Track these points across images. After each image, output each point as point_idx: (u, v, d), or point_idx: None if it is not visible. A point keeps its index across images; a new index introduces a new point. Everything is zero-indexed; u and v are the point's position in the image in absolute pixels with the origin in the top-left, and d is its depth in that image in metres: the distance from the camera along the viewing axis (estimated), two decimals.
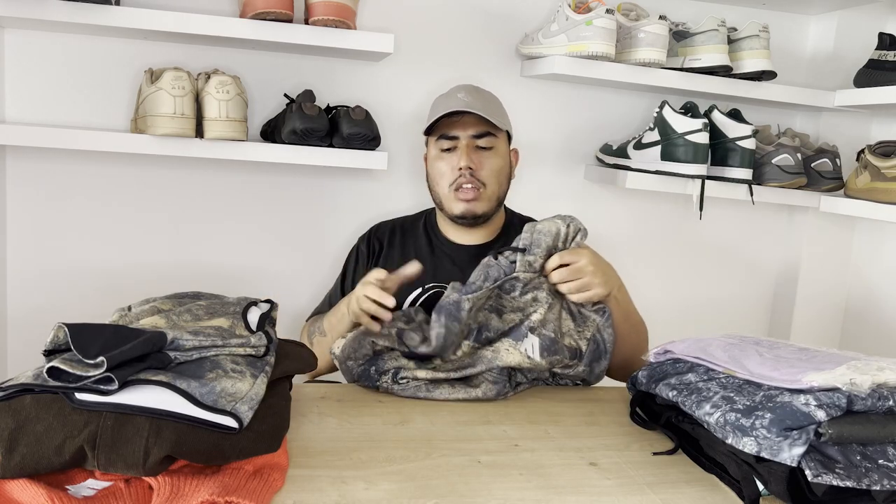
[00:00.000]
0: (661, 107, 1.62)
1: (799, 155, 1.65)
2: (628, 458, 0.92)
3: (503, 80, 1.70)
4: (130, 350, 0.74)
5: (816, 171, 1.67)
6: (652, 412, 1.02)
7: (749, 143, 1.60)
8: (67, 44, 1.50)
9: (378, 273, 1.16)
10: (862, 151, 1.61)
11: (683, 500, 0.82)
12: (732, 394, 0.87)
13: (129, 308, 0.93)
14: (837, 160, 1.68)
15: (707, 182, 1.60)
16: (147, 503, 0.71)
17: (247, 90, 1.47)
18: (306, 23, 1.41)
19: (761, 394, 0.85)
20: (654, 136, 1.62)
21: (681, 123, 1.57)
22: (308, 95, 1.48)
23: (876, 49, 1.61)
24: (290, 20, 1.40)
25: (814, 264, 1.89)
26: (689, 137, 1.56)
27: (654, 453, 0.93)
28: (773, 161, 1.65)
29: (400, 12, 1.64)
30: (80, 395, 0.72)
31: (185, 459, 0.73)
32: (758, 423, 0.80)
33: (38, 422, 0.70)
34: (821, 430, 0.77)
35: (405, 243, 1.46)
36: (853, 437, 0.78)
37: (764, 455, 0.78)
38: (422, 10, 1.66)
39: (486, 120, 1.34)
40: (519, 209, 1.52)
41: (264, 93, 1.59)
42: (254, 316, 0.93)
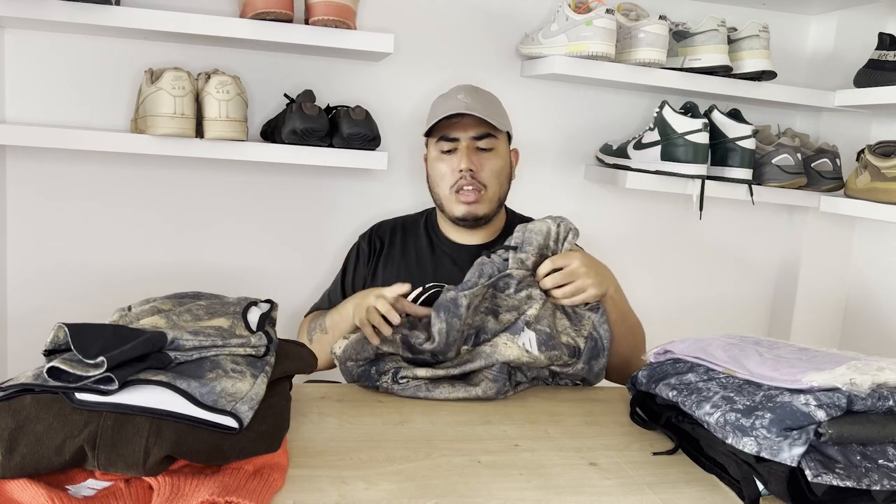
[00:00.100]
0: (661, 107, 1.62)
1: (799, 155, 1.65)
2: (628, 458, 0.92)
3: (503, 80, 1.70)
4: (130, 350, 0.74)
5: (816, 171, 1.67)
6: (652, 412, 1.02)
7: (749, 143, 1.60)
8: (67, 44, 1.50)
9: (397, 290, 1.15)
10: (862, 151, 1.61)
11: (683, 500, 0.82)
12: (732, 394, 0.87)
13: (129, 308, 0.93)
14: (837, 160, 1.67)
15: (707, 182, 1.60)
16: (147, 503, 0.71)
17: (247, 90, 1.47)
18: (306, 23, 1.41)
19: (761, 394, 0.85)
20: (654, 136, 1.62)
21: (681, 123, 1.57)
22: (308, 95, 1.48)
23: (876, 49, 1.61)
24: (290, 20, 1.40)
25: (814, 264, 1.89)
26: (689, 137, 1.56)
27: (654, 453, 0.93)
28: (773, 161, 1.65)
29: (400, 12, 1.64)
30: (80, 395, 0.72)
31: (185, 459, 0.73)
32: (758, 423, 0.80)
33: (38, 422, 0.70)
34: (821, 430, 0.77)
35: (406, 242, 1.46)
36: (853, 437, 0.77)
37: (764, 455, 0.78)
38: (422, 10, 1.66)
39: (487, 121, 1.34)
40: (519, 209, 1.52)
41: (264, 93, 1.59)
42: (254, 316, 0.93)
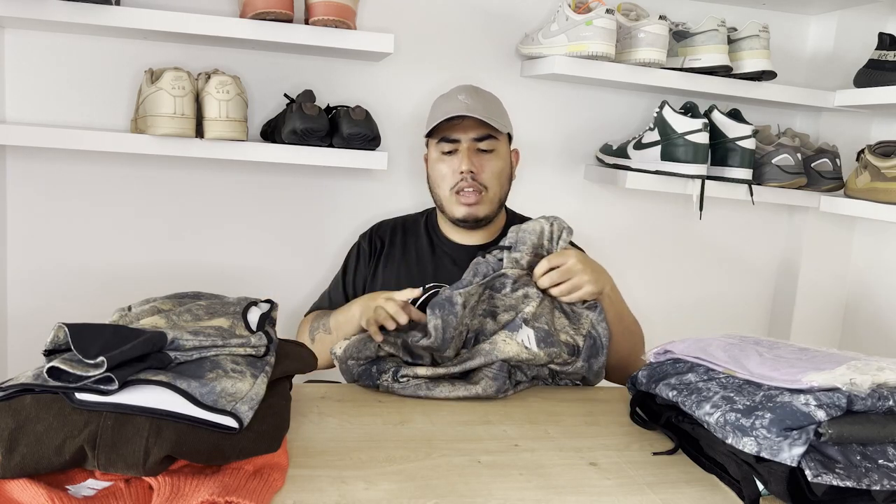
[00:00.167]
0: (661, 107, 1.62)
1: (799, 155, 1.65)
2: (628, 458, 0.92)
3: (503, 80, 1.70)
4: (130, 350, 0.74)
5: (816, 171, 1.67)
6: (652, 412, 1.02)
7: (749, 143, 1.60)
8: (67, 44, 1.50)
9: (407, 294, 1.16)
10: (862, 151, 1.61)
11: (683, 500, 0.82)
12: (732, 394, 0.87)
13: (129, 308, 0.93)
14: (837, 160, 1.67)
15: (707, 182, 1.60)
16: (147, 503, 0.71)
17: (247, 90, 1.47)
18: (306, 23, 1.41)
19: (761, 394, 0.85)
20: (654, 136, 1.62)
21: (681, 123, 1.57)
22: (308, 95, 1.48)
23: (876, 49, 1.61)
24: (290, 20, 1.40)
25: (814, 264, 1.89)
26: (689, 137, 1.56)
27: (654, 453, 0.93)
28: (773, 161, 1.65)
29: (400, 12, 1.64)
30: (80, 395, 0.72)
31: (185, 459, 0.73)
32: (758, 423, 0.80)
33: (38, 422, 0.70)
34: (821, 430, 0.77)
35: (406, 242, 1.46)
36: (853, 437, 0.77)
37: (764, 455, 0.78)
38: (422, 10, 1.66)
39: (487, 123, 1.34)
40: (519, 209, 1.52)
41: (264, 93, 1.59)
42: (254, 316, 0.93)
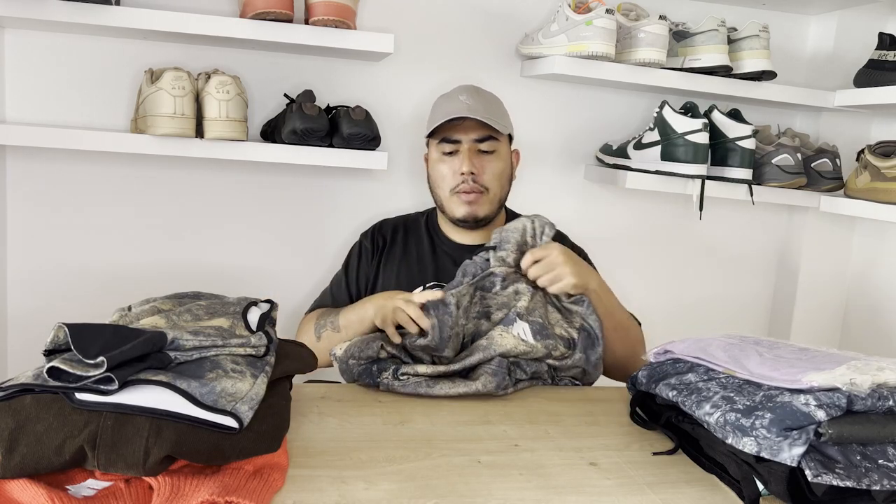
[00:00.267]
0: (661, 107, 1.62)
1: (799, 155, 1.65)
2: (628, 458, 0.92)
3: (503, 80, 1.70)
4: (130, 350, 0.74)
5: (816, 171, 1.67)
6: (652, 412, 1.02)
7: (749, 143, 1.60)
8: (67, 44, 1.50)
9: (428, 296, 1.15)
10: (862, 151, 1.61)
11: (683, 500, 0.82)
12: (732, 394, 0.87)
13: (129, 308, 0.93)
14: (837, 160, 1.67)
15: (707, 182, 1.60)
16: (147, 503, 0.71)
17: (247, 90, 1.47)
18: (306, 23, 1.41)
19: (761, 394, 0.85)
20: (654, 136, 1.62)
21: (681, 123, 1.57)
22: (308, 95, 1.48)
23: (876, 49, 1.61)
24: (290, 20, 1.40)
25: (814, 264, 1.89)
26: (689, 137, 1.56)
27: (654, 453, 0.93)
28: (773, 161, 1.65)
29: (400, 12, 1.64)
30: (80, 395, 0.72)
31: (185, 459, 0.73)
32: (758, 423, 0.80)
33: (38, 422, 0.70)
34: (821, 430, 0.77)
35: (407, 241, 1.46)
36: (853, 437, 0.77)
37: (764, 455, 0.78)
38: (422, 10, 1.66)
39: (488, 124, 1.34)
40: (519, 209, 1.52)
41: (264, 93, 1.59)
42: (254, 316, 0.93)
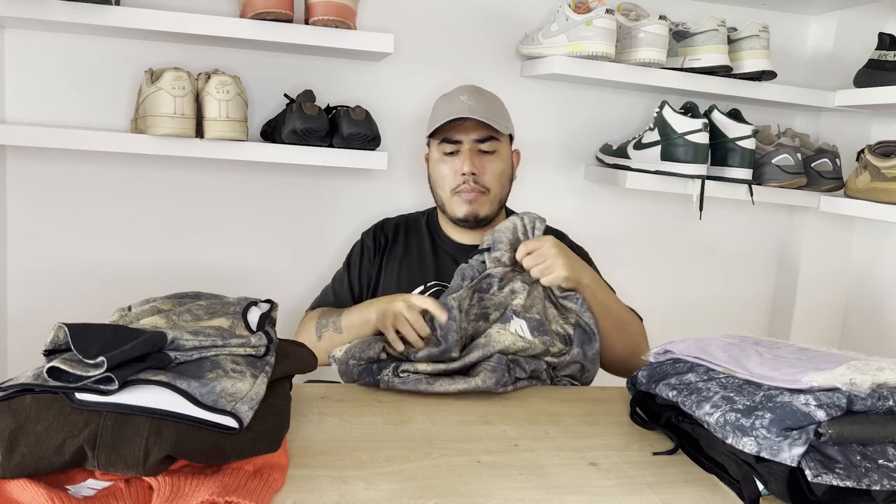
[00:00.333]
0: (661, 107, 1.62)
1: (799, 155, 1.65)
2: (628, 458, 0.92)
3: (503, 80, 1.70)
4: (130, 350, 0.74)
5: (816, 171, 1.67)
6: (652, 412, 1.02)
7: (749, 143, 1.60)
8: (67, 44, 1.50)
9: (429, 306, 1.15)
10: (862, 151, 1.61)
11: (683, 500, 0.82)
12: (732, 394, 0.87)
13: (129, 308, 0.93)
14: (837, 160, 1.67)
15: (707, 182, 1.60)
16: (147, 503, 0.71)
17: (247, 90, 1.47)
18: (306, 23, 1.41)
19: (761, 394, 0.85)
20: (654, 136, 1.62)
21: (681, 123, 1.57)
22: (308, 95, 1.48)
23: (876, 49, 1.61)
24: (290, 20, 1.40)
25: (814, 264, 1.89)
26: (689, 137, 1.56)
27: (654, 453, 0.93)
28: (773, 161, 1.65)
29: (400, 12, 1.64)
30: (80, 395, 0.72)
31: (185, 459, 0.73)
32: (758, 423, 0.80)
33: (38, 422, 0.70)
34: (821, 430, 0.77)
35: (409, 241, 1.47)
36: (853, 437, 0.77)
37: (764, 455, 0.78)
38: (422, 10, 1.66)
39: (489, 124, 1.34)
40: (519, 209, 1.52)
41: (264, 93, 1.59)
42: (254, 316, 0.93)
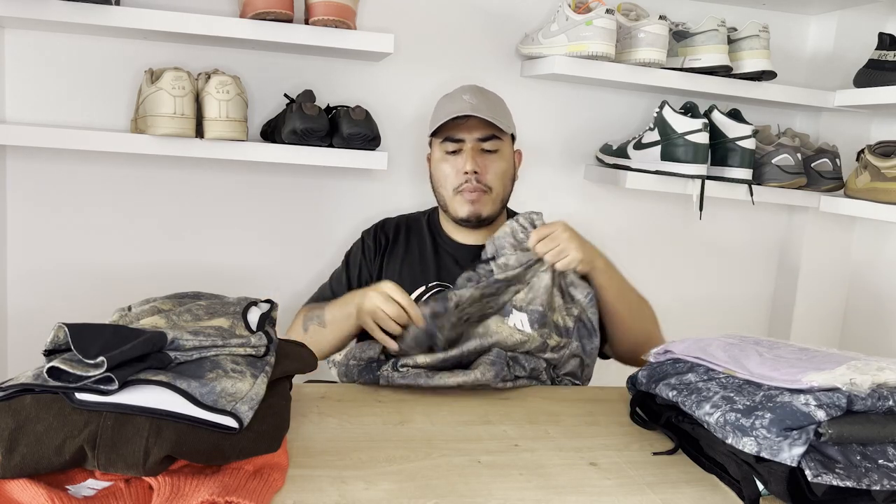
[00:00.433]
0: (661, 107, 1.62)
1: (799, 155, 1.65)
2: (628, 458, 0.92)
3: (503, 80, 1.70)
4: (130, 350, 0.74)
5: (816, 171, 1.67)
6: (652, 412, 1.02)
7: (749, 143, 1.60)
8: (67, 44, 1.50)
9: (399, 296, 1.15)
10: (862, 151, 1.61)
11: (683, 500, 0.82)
12: (732, 394, 0.87)
13: (129, 308, 0.93)
14: (837, 160, 1.67)
15: (707, 182, 1.60)
16: (147, 503, 0.71)
17: (247, 90, 1.47)
18: (306, 23, 1.41)
19: (761, 394, 0.85)
20: (654, 136, 1.62)
21: (681, 123, 1.57)
22: (308, 95, 1.48)
23: (876, 49, 1.61)
24: (290, 20, 1.40)
25: (814, 264, 1.89)
26: (689, 137, 1.56)
27: (654, 453, 0.93)
28: (773, 161, 1.65)
29: (400, 12, 1.64)
30: (80, 395, 0.72)
31: (185, 459, 0.73)
32: (758, 423, 0.80)
33: (38, 422, 0.70)
34: (821, 430, 0.77)
35: (410, 240, 1.47)
36: (853, 437, 0.77)
37: (764, 455, 0.78)
38: (422, 10, 1.66)
39: (492, 123, 1.34)
40: (519, 209, 1.52)
41: (264, 93, 1.59)
42: (254, 316, 0.93)
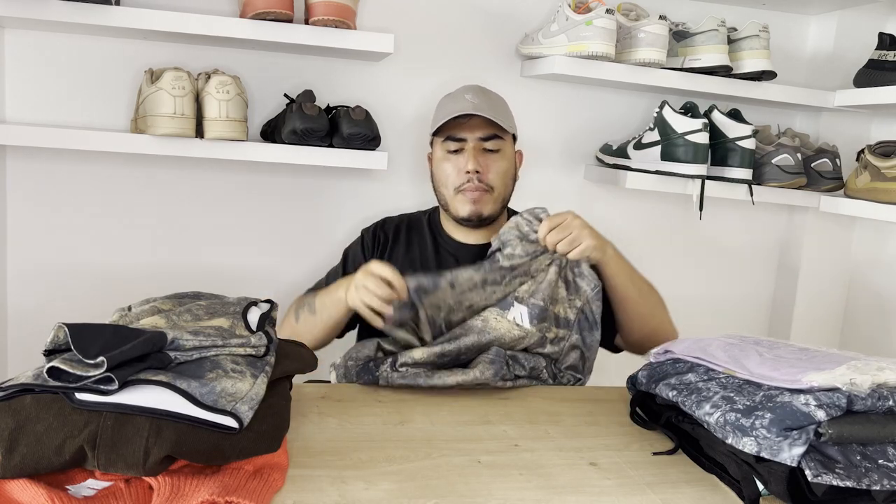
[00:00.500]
0: (661, 107, 1.62)
1: (799, 155, 1.65)
2: (628, 458, 0.92)
3: (503, 80, 1.70)
4: (130, 350, 0.74)
5: (816, 171, 1.67)
6: (652, 412, 1.02)
7: (749, 143, 1.60)
8: (67, 44, 1.50)
9: (383, 270, 1.15)
10: (862, 151, 1.61)
11: (683, 500, 0.82)
12: (732, 394, 0.87)
13: (129, 308, 0.93)
14: (837, 160, 1.67)
15: (707, 182, 1.60)
16: (147, 503, 0.71)
17: (247, 90, 1.47)
18: (306, 23, 1.41)
19: (761, 394, 0.85)
20: (654, 136, 1.62)
21: (681, 123, 1.57)
22: (308, 95, 1.48)
23: (876, 49, 1.61)
24: (290, 20, 1.40)
25: (814, 264, 1.89)
26: (689, 137, 1.56)
27: (654, 453, 0.93)
28: (773, 161, 1.65)
29: (400, 12, 1.64)
30: (80, 395, 0.72)
31: (185, 459, 0.73)
32: (758, 423, 0.80)
33: (38, 422, 0.70)
34: (821, 430, 0.77)
35: (410, 240, 1.46)
36: (853, 437, 0.77)
37: (764, 455, 0.78)
38: (422, 10, 1.66)
39: (494, 122, 1.34)
40: (520, 209, 1.52)
41: (264, 93, 1.59)
42: (254, 316, 0.93)
